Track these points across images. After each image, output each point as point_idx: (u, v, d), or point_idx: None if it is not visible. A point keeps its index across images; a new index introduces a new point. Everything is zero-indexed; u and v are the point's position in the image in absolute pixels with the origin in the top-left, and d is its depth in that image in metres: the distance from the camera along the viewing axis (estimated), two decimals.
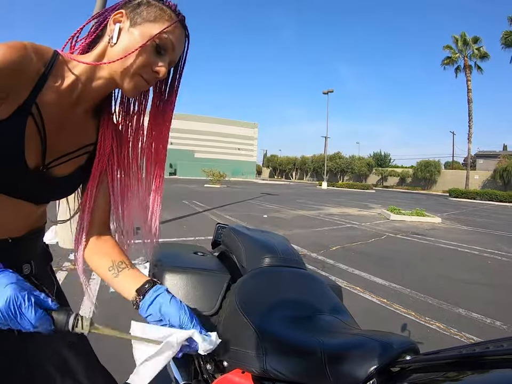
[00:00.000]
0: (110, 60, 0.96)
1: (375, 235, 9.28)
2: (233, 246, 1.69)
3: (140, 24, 0.95)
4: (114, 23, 0.97)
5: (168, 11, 0.98)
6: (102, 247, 1.12)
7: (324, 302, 1.36)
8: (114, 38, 0.95)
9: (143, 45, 0.94)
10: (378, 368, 0.86)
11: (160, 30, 0.95)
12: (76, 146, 1.05)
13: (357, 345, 0.99)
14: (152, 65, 0.98)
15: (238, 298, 1.28)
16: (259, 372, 1.06)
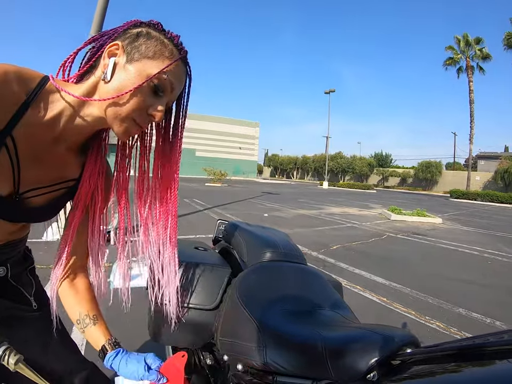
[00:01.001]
0: (101, 97, 0.87)
1: (375, 235, 9.27)
2: (234, 241, 1.69)
3: (137, 60, 0.86)
4: (109, 56, 0.87)
5: (170, 46, 0.89)
6: (76, 292, 1.11)
7: (324, 297, 1.36)
8: (108, 75, 0.86)
9: (139, 86, 0.85)
10: (379, 361, 0.86)
11: (159, 69, 0.86)
12: (55, 180, 0.99)
13: (357, 338, 0.99)
14: (147, 108, 0.89)
15: (239, 292, 1.28)
16: (259, 365, 1.06)
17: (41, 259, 3.28)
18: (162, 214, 1.09)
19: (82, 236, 1.09)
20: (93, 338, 1.06)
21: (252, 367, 1.12)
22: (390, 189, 44.41)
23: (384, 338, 0.91)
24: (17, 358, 0.78)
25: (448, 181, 40.85)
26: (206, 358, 1.46)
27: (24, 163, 0.89)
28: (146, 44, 0.87)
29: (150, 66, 0.86)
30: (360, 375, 0.88)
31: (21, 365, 0.79)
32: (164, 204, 1.08)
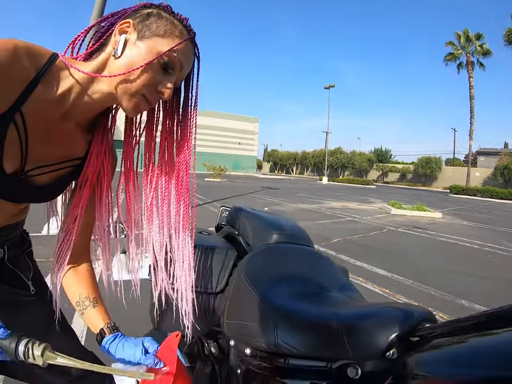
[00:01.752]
0: (111, 74, 0.87)
1: (376, 228, 9.25)
2: (239, 225, 1.65)
3: (148, 37, 0.87)
4: (120, 33, 0.88)
5: (180, 26, 0.90)
6: (76, 273, 1.10)
7: (332, 279, 1.33)
8: (118, 51, 0.87)
9: (150, 62, 0.86)
10: (399, 336, 0.83)
11: (169, 47, 0.87)
12: (60, 158, 0.98)
13: (376, 314, 0.95)
14: (157, 85, 0.90)
15: (246, 272, 1.25)
16: (269, 347, 1.03)
17: (41, 253, 3.25)
18: (174, 198, 1.07)
19: (86, 218, 1.07)
20: (91, 321, 1.05)
21: (261, 350, 1.08)
22: (390, 184, 44.27)
23: (404, 314, 0.89)
24: (43, 347, 0.70)
25: (448, 176, 40.68)
26: (211, 346, 1.43)
27: (32, 140, 0.88)
28: (157, 23, 0.88)
29: (161, 44, 0.87)
30: (379, 352, 0.85)
31: (48, 353, 0.70)
32: (175, 187, 1.07)
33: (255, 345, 1.08)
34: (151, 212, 1.07)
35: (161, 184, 1.07)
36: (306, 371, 1.00)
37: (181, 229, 1.08)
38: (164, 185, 1.07)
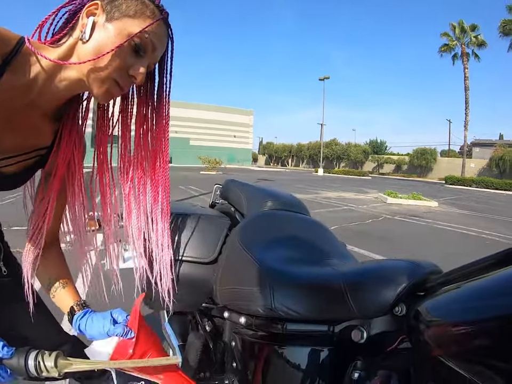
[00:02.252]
0: (80, 59, 0.82)
1: (372, 216, 9.22)
2: (232, 196, 1.57)
3: (117, 19, 0.82)
4: (88, 16, 0.82)
5: (151, 6, 0.85)
6: (44, 260, 1.06)
7: (331, 248, 1.25)
8: (86, 34, 0.81)
9: (120, 45, 0.80)
10: (407, 288, 0.75)
11: (140, 28, 0.82)
12: (27, 148, 0.93)
13: (381, 268, 0.87)
14: (128, 68, 0.85)
15: (240, 237, 1.17)
16: (265, 311, 0.94)
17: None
18: (150, 186, 1.04)
19: (56, 210, 1.03)
20: (62, 302, 1.04)
21: (256, 316, 0.99)
22: (385, 175, 44.14)
23: (411, 266, 0.80)
24: (55, 355, 0.65)
25: (443, 167, 40.68)
26: (205, 324, 1.35)
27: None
28: (127, 3, 0.82)
29: (131, 25, 0.82)
30: (386, 308, 0.77)
31: (62, 361, 0.65)
32: (151, 175, 1.04)
33: (250, 311, 0.99)
34: (129, 202, 1.05)
35: (137, 174, 1.04)
36: (306, 337, 0.92)
37: (159, 218, 1.06)
38: (140, 174, 1.04)
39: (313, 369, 0.89)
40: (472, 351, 0.54)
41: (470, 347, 0.54)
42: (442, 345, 0.60)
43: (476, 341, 0.53)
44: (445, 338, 0.60)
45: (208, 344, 1.27)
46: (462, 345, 0.56)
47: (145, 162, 1.03)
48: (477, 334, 0.53)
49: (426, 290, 0.75)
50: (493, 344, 0.50)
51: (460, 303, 0.60)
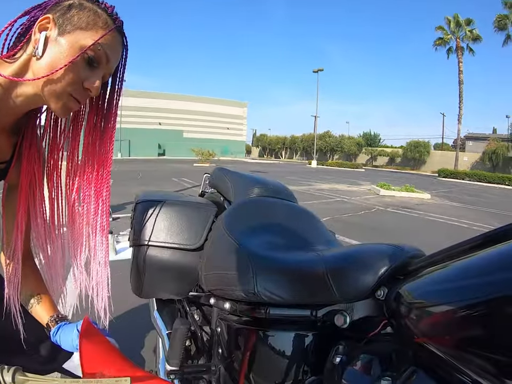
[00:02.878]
0: (35, 75, 0.81)
1: (365, 208, 9.26)
2: (220, 184, 1.56)
3: (69, 32, 0.80)
4: (40, 31, 0.80)
5: (104, 15, 0.84)
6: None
7: (317, 235, 1.24)
8: (39, 50, 0.80)
9: (73, 60, 0.79)
10: (389, 271, 0.75)
11: (93, 39, 0.81)
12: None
13: (363, 251, 0.87)
14: (83, 82, 0.84)
15: (225, 222, 1.16)
16: (248, 296, 0.93)
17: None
18: (93, 196, 1.01)
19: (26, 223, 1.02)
20: (39, 318, 1.03)
21: (240, 301, 0.99)
22: (379, 168, 44.15)
23: (393, 249, 0.80)
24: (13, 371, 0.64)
25: (436, 161, 40.72)
26: (193, 312, 1.34)
27: None
28: (79, 14, 0.82)
29: (83, 37, 0.81)
30: (368, 292, 0.77)
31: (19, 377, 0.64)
32: (95, 185, 1.01)
33: (233, 296, 0.99)
34: (73, 213, 1.04)
35: (82, 184, 1.01)
36: (289, 321, 0.92)
37: (98, 229, 1.02)
38: (85, 184, 1.01)
39: (296, 353, 0.89)
40: (453, 333, 0.53)
41: (451, 329, 0.54)
42: (423, 328, 0.60)
43: (457, 323, 0.52)
44: (425, 321, 0.59)
45: (195, 332, 1.27)
46: (443, 327, 0.56)
47: (91, 172, 1.01)
48: (459, 316, 0.52)
49: (409, 273, 0.74)
50: (474, 325, 0.49)
51: (441, 284, 0.59)
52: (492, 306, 0.46)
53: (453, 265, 0.60)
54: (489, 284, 0.49)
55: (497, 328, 0.45)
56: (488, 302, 0.47)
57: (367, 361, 0.70)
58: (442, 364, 0.55)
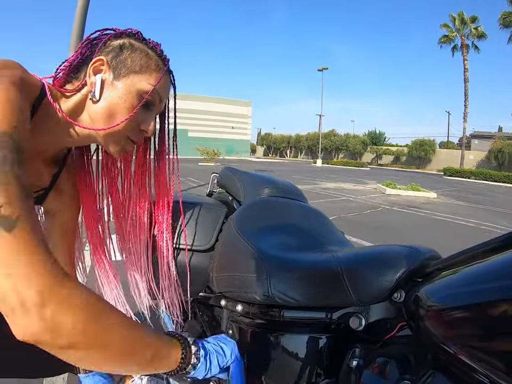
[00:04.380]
0: (90, 116, 0.83)
1: (371, 207, 9.21)
2: (229, 184, 1.55)
3: (124, 76, 0.83)
4: (95, 73, 0.82)
5: (155, 57, 0.87)
6: None
7: (329, 235, 1.23)
8: (96, 94, 0.81)
9: (133, 114, 0.83)
10: (407, 273, 0.74)
11: (147, 82, 0.84)
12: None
13: (379, 253, 0.86)
14: (139, 124, 0.87)
15: (236, 223, 1.15)
16: (262, 298, 0.92)
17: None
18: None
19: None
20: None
21: (253, 303, 0.97)
22: (384, 166, 43.92)
23: (410, 251, 0.79)
24: None
25: (442, 159, 40.45)
26: (203, 313, 1.34)
27: None
28: (132, 57, 0.84)
29: (139, 81, 0.83)
30: (385, 294, 0.76)
31: None
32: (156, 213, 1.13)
33: (246, 299, 0.98)
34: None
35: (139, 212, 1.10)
36: (304, 324, 0.91)
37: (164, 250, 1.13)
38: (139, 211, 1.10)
39: (311, 356, 0.87)
40: (473, 337, 0.53)
41: (471, 332, 0.53)
42: (442, 331, 0.59)
43: (476, 326, 0.52)
44: (445, 324, 0.59)
45: (205, 333, 1.26)
46: (462, 330, 0.55)
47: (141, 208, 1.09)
48: (478, 319, 0.52)
49: (425, 275, 0.73)
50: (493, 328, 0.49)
51: (460, 287, 0.59)
52: (510, 308, 0.46)
53: (470, 268, 0.59)
54: (509, 286, 0.48)
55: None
56: (507, 304, 0.47)
57: (384, 365, 0.70)
58: (463, 367, 0.54)
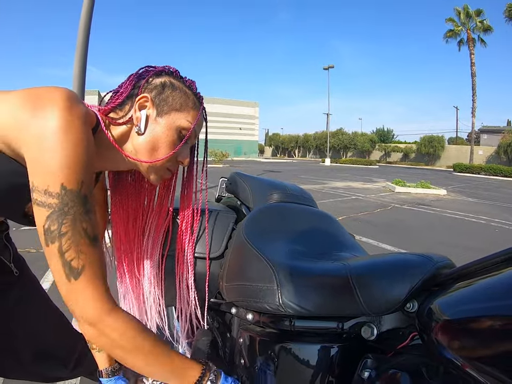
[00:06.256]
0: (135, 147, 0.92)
1: (380, 206, 9.16)
2: (238, 189, 1.54)
3: (166, 113, 0.92)
4: (140, 108, 0.91)
5: (191, 96, 0.96)
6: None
7: (340, 240, 1.21)
8: (142, 128, 0.90)
9: (176, 150, 0.93)
10: (420, 283, 0.73)
11: (186, 119, 0.94)
12: None
13: (392, 261, 0.85)
14: (177, 156, 0.97)
15: (246, 231, 1.14)
16: (272, 308, 0.90)
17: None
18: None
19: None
20: (97, 360, 1.09)
21: (264, 312, 0.96)
22: (393, 164, 43.71)
23: (423, 260, 0.78)
24: None
25: (451, 155, 40.09)
26: (213, 319, 1.33)
27: None
28: (173, 95, 0.93)
29: (178, 118, 0.93)
30: (397, 305, 0.75)
31: None
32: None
33: (257, 308, 0.96)
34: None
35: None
36: (315, 334, 0.89)
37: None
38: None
39: (322, 366, 0.86)
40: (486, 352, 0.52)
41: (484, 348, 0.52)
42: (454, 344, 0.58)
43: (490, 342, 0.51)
44: (457, 338, 0.58)
45: (216, 340, 1.26)
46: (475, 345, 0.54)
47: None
48: (492, 334, 0.51)
49: (439, 285, 0.72)
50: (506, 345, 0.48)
51: (475, 301, 0.58)
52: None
53: (486, 281, 0.58)
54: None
55: None
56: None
57: (396, 376, 0.69)
58: (473, 381, 0.53)
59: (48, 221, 0.71)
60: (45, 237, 0.71)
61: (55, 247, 0.71)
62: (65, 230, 0.71)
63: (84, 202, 0.74)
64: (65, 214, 0.71)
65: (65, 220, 0.71)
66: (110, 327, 0.75)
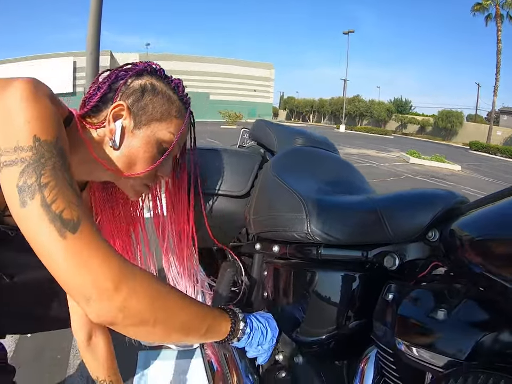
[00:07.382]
0: (110, 162, 0.81)
1: (394, 174, 9.18)
2: (262, 135, 1.56)
3: (145, 124, 0.80)
4: (114, 119, 0.79)
5: (176, 101, 0.85)
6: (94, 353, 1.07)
7: (363, 185, 1.25)
8: (116, 142, 0.79)
9: (155, 166, 0.83)
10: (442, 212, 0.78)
11: (167, 131, 0.83)
12: None
13: (416, 194, 0.91)
14: (156, 171, 0.87)
15: (273, 168, 1.17)
16: (301, 237, 0.92)
17: None
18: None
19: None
20: (91, 371, 1.08)
21: (292, 242, 1.00)
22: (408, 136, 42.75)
23: (445, 193, 0.84)
24: None
25: (469, 132, 38.98)
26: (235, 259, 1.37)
27: None
28: (153, 102, 0.81)
29: (159, 129, 0.82)
30: (421, 230, 0.80)
31: None
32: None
33: (285, 237, 0.99)
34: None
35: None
36: (340, 262, 0.93)
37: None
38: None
39: (345, 293, 0.90)
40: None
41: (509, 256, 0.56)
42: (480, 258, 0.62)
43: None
44: (483, 251, 0.61)
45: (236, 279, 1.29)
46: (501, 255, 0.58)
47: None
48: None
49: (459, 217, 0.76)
50: None
51: (497, 216, 0.62)
52: None
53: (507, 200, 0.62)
54: None
55: None
56: None
57: (420, 296, 0.72)
58: (503, 289, 0.56)
59: (23, 177, 0.57)
60: (21, 195, 0.57)
61: (36, 202, 0.56)
62: (45, 180, 0.58)
63: (62, 155, 0.62)
64: (43, 165, 0.58)
65: (44, 171, 0.58)
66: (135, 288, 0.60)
